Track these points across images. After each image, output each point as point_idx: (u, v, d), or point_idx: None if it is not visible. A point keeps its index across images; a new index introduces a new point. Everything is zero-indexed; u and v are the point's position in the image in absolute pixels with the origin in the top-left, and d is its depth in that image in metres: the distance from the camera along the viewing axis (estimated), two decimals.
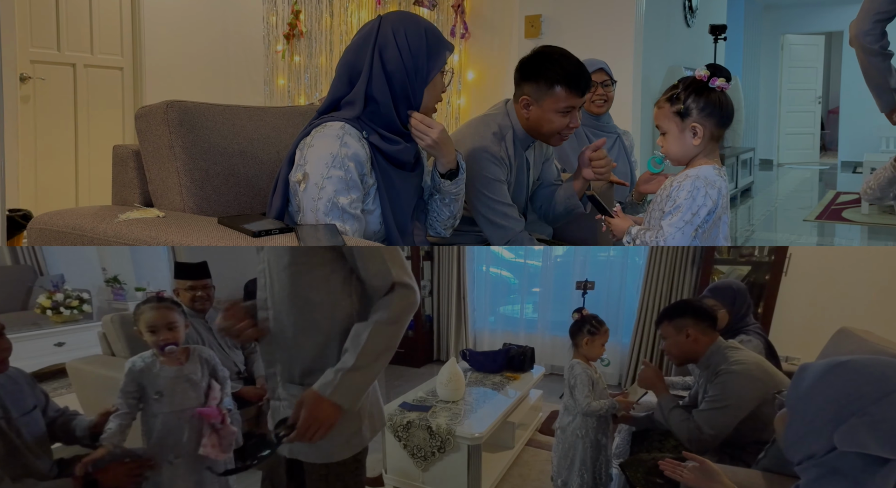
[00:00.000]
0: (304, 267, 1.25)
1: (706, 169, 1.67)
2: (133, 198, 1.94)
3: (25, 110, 4.18)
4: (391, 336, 1.22)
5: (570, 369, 2.05)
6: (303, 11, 5.15)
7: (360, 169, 1.64)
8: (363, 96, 1.66)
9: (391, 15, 1.71)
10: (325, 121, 1.67)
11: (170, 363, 1.54)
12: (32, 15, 4.19)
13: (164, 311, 1.54)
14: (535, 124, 2.03)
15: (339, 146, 1.60)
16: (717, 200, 1.65)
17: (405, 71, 1.66)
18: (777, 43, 10.69)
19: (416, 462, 2.32)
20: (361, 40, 1.70)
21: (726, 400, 1.69)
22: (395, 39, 1.66)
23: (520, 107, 2.04)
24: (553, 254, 4.32)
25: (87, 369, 2.31)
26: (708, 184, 1.65)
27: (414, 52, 1.67)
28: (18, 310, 3.73)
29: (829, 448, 0.87)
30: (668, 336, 1.87)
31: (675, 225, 1.65)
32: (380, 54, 1.66)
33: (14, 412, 1.41)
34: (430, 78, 1.70)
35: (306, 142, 1.65)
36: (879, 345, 1.77)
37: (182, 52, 4.97)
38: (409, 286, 1.23)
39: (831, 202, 7.14)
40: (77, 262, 3.97)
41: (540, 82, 1.97)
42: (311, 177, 1.59)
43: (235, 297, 3.26)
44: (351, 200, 1.61)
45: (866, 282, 2.92)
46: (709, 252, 3.61)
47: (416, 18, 1.71)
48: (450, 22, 4.45)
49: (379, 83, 1.66)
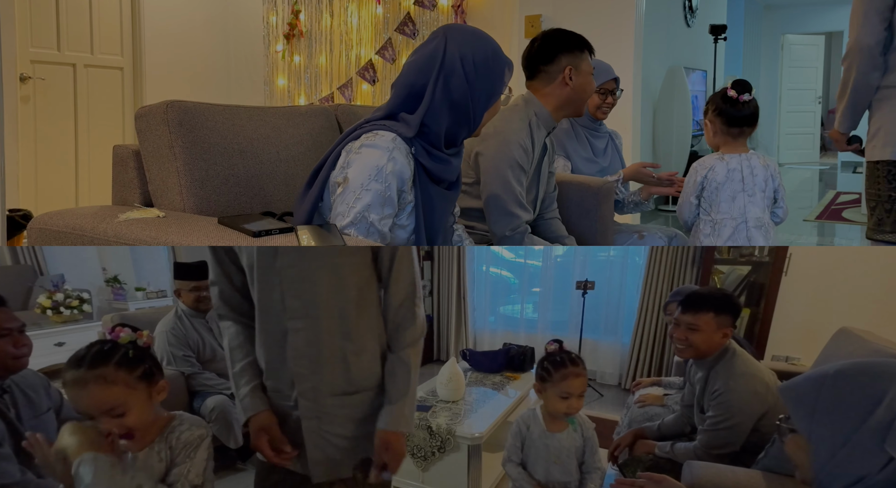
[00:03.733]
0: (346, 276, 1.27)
1: (709, 158, 2.37)
2: (133, 198, 1.93)
3: (25, 110, 4.18)
4: (419, 355, 1.33)
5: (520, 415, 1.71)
6: (303, 11, 5.15)
7: (401, 186, 1.58)
8: (420, 122, 1.60)
9: (457, 34, 1.63)
10: (378, 128, 1.59)
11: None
12: (32, 15, 4.19)
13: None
14: (579, 92, 2.17)
15: (386, 160, 1.54)
16: (705, 174, 2.33)
17: (469, 99, 1.61)
18: (777, 43, 10.70)
19: (416, 462, 2.32)
20: (425, 61, 1.62)
21: (729, 420, 1.66)
22: (462, 67, 1.59)
23: (558, 85, 2.15)
24: (553, 254, 4.32)
25: None
26: (700, 165, 2.36)
27: (481, 79, 1.61)
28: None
29: (885, 461, 0.79)
30: (704, 329, 1.71)
31: (682, 196, 2.40)
32: (445, 81, 1.59)
33: (28, 413, 1.41)
34: (492, 102, 1.66)
35: (353, 147, 1.59)
36: (880, 345, 1.77)
37: (182, 52, 4.97)
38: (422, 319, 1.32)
39: (831, 202, 7.14)
40: (77, 262, 3.97)
41: (574, 51, 2.15)
42: (351, 183, 1.55)
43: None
44: (382, 217, 1.56)
45: (866, 282, 2.92)
46: (709, 252, 3.61)
47: (482, 38, 1.65)
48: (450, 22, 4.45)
49: (441, 111, 1.60)
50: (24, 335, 1.43)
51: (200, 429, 1.17)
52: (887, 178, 2.28)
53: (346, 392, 1.27)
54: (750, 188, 2.32)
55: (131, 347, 1.10)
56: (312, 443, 1.27)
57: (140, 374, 1.10)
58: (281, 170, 1.97)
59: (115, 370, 1.07)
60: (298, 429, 1.28)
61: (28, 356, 1.44)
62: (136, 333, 1.13)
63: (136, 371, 1.09)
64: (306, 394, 1.26)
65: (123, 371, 1.08)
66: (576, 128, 2.70)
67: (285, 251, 1.26)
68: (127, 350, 1.10)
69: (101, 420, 1.08)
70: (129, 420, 1.08)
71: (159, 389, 1.14)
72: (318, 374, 1.26)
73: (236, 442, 2.29)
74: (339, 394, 1.27)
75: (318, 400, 1.26)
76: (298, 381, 1.26)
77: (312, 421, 1.27)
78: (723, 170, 2.32)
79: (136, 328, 1.13)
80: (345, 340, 1.26)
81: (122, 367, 1.08)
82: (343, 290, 1.25)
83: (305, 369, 1.26)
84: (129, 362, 1.09)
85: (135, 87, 4.78)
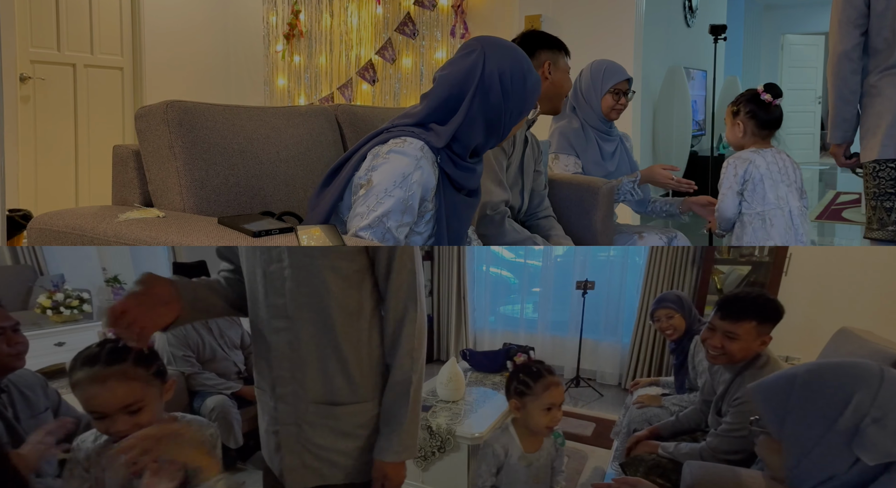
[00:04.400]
0: (336, 276, 1.20)
1: (745, 152, 2.43)
2: (133, 198, 1.93)
3: (25, 110, 4.18)
4: (421, 373, 1.26)
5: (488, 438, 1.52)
6: (303, 11, 5.15)
7: (424, 195, 1.57)
8: (452, 134, 1.59)
9: (495, 50, 1.62)
10: (407, 134, 1.57)
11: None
12: (32, 15, 4.19)
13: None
14: (556, 87, 2.31)
15: (413, 168, 1.53)
16: (746, 167, 2.39)
17: (503, 114, 1.61)
18: (777, 43, 10.70)
19: (416, 462, 2.32)
20: (463, 76, 1.60)
21: (745, 429, 1.57)
22: (500, 83, 1.58)
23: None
24: (553, 254, 4.32)
25: None
26: (737, 160, 2.42)
27: (517, 95, 1.61)
28: (19, 310, 3.73)
29: (853, 461, 0.81)
30: (744, 338, 1.62)
31: (723, 191, 2.41)
32: (483, 97, 1.58)
33: (25, 412, 1.41)
34: (523, 117, 1.66)
35: (381, 151, 1.56)
36: (880, 345, 1.77)
37: (182, 52, 4.97)
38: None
39: (831, 202, 7.14)
40: (77, 262, 3.96)
41: (553, 48, 2.30)
42: (376, 186, 1.53)
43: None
44: (400, 224, 1.54)
45: (866, 282, 2.92)
46: (709, 252, 3.61)
47: (519, 56, 1.64)
48: (450, 22, 4.45)
49: (474, 125, 1.59)
50: (18, 333, 1.41)
51: (210, 428, 1.20)
52: (873, 177, 2.33)
53: (329, 401, 1.21)
54: (786, 179, 2.40)
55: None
56: (289, 449, 1.23)
57: (155, 371, 1.11)
58: (281, 171, 1.97)
59: (134, 366, 1.09)
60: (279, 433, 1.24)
61: (24, 354, 1.43)
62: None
63: (151, 367, 1.11)
64: (286, 398, 1.22)
65: (142, 367, 1.09)
66: (587, 131, 2.68)
67: (273, 248, 1.24)
68: (140, 348, 1.11)
69: (117, 417, 1.07)
70: (142, 417, 1.09)
71: (168, 387, 1.15)
72: (299, 380, 1.21)
73: (236, 442, 2.29)
74: (320, 403, 1.21)
75: (297, 406, 1.21)
76: (279, 384, 1.22)
77: (291, 427, 1.22)
78: (763, 163, 2.38)
79: None
80: (327, 347, 1.20)
81: (139, 364, 1.09)
82: (328, 294, 1.19)
83: (286, 372, 1.21)
84: (145, 359, 1.10)
85: (135, 87, 4.78)
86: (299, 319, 1.20)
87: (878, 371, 0.87)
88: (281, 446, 1.24)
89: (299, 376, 1.21)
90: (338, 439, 1.22)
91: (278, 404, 1.23)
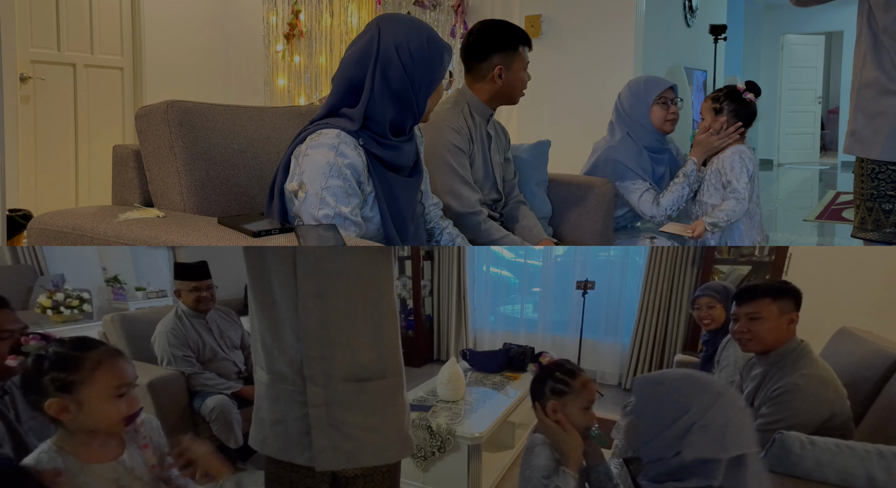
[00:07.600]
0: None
1: (740, 146, 2.44)
2: (133, 198, 1.94)
3: (25, 110, 4.18)
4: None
5: (529, 451, 1.37)
6: (303, 11, 5.15)
7: (356, 177, 1.60)
8: (363, 115, 1.61)
9: (389, 24, 1.64)
10: (321, 127, 1.61)
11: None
12: (32, 15, 4.19)
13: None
14: (508, 88, 2.25)
15: (335, 156, 1.56)
16: (754, 163, 2.43)
17: (409, 86, 1.62)
18: (777, 43, 10.69)
19: (416, 462, 2.32)
20: (360, 54, 1.63)
21: (787, 421, 1.50)
22: (398, 55, 1.60)
23: (489, 81, 2.24)
24: (553, 253, 4.32)
25: None
26: (742, 154, 2.42)
27: (419, 67, 1.62)
28: (19, 310, 3.72)
29: (676, 452, 1.10)
30: (767, 317, 1.60)
31: (740, 186, 2.38)
32: (383, 72, 1.60)
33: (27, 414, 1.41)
34: (433, 88, 1.67)
35: (301, 151, 1.60)
36: (880, 345, 1.77)
37: (182, 52, 4.97)
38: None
39: (831, 202, 7.14)
40: (77, 262, 3.97)
41: (506, 50, 2.23)
42: (310, 187, 1.56)
43: (235, 297, 3.27)
44: (352, 208, 1.58)
45: (866, 282, 2.92)
46: (709, 252, 3.61)
47: (416, 26, 1.66)
48: (450, 22, 4.45)
49: (382, 102, 1.61)
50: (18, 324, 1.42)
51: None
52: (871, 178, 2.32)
53: (358, 378, 1.22)
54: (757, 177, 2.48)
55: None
56: (319, 430, 1.22)
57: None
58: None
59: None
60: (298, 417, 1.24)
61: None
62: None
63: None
64: (316, 379, 1.21)
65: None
66: (641, 152, 2.55)
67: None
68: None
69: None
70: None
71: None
72: (328, 358, 1.21)
73: (236, 442, 2.29)
74: (350, 380, 1.22)
75: (328, 386, 1.22)
76: (308, 365, 1.22)
77: (320, 409, 1.22)
78: (755, 159, 2.46)
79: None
80: (358, 322, 1.22)
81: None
82: (359, 273, 1.22)
83: (315, 351, 1.21)
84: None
85: (135, 87, 4.78)
86: (330, 297, 1.21)
87: (720, 389, 1.12)
88: (311, 429, 1.23)
89: (328, 354, 1.22)
90: (367, 415, 1.23)
91: (308, 385, 1.22)
